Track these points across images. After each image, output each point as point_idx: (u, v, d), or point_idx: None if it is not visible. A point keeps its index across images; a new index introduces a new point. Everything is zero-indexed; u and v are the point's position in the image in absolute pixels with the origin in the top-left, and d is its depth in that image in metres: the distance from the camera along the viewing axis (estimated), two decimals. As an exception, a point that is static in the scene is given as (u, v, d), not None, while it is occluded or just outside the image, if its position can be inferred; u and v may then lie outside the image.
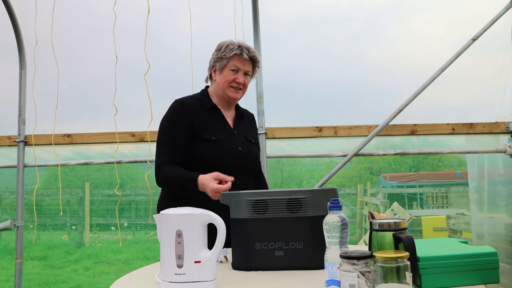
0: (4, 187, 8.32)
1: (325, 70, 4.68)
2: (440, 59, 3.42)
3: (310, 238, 1.58)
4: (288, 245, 1.61)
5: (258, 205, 1.63)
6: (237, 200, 1.65)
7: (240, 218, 1.64)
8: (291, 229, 1.61)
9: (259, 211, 1.63)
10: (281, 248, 1.61)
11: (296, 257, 1.60)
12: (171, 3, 3.98)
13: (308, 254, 1.58)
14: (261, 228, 1.62)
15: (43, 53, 3.53)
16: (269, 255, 1.61)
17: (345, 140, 3.53)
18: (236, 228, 1.65)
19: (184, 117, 2.08)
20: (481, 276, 1.32)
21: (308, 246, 1.58)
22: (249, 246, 1.62)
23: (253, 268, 1.63)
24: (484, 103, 3.65)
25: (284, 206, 1.62)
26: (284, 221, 1.61)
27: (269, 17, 3.63)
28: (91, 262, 7.98)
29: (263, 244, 1.61)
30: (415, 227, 6.97)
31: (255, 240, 1.62)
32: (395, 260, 1.12)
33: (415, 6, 4.10)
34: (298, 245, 1.60)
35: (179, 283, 1.38)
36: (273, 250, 1.61)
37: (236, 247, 1.67)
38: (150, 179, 3.47)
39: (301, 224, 1.60)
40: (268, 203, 1.63)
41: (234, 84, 2.14)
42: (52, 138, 3.55)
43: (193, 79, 3.36)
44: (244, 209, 1.63)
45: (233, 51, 2.11)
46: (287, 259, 1.60)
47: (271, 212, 1.62)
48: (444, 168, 15.21)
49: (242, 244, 1.64)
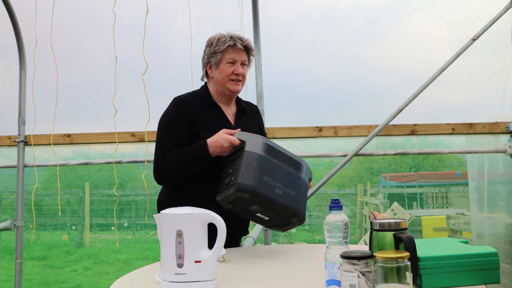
0: (4, 187, 8.33)
1: (325, 70, 4.69)
2: (440, 59, 3.42)
3: (298, 191, 1.87)
4: (285, 189, 1.82)
5: (271, 150, 1.86)
6: (255, 138, 1.87)
7: (256, 153, 1.81)
8: (288, 180, 1.85)
9: (270, 155, 1.84)
10: (280, 188, 1.81)
11: (288, 200, 1.82)
12: (171, 3, 3.98)
13: (297, 203, 1.85)
14: (270, 167, 1.82)
15: (42, 53, 3.52)
16: (270, 188, 1.78)
17: (345, 140, 3.52)
18: (250, 160, 1.80)
19: (184, 115, 2.05)
20: (482, 276, 1.32)
21: (298, 196, 1.86)
22: (258, 175, 1.77)
23: (256, 192, 1.75)
24: (484, 103, 3.65)
25: (287, 161, 1.89)
26: (285, 171, 1.86)
27: (269, 17, 3.64)
28: (91, 262, 7.98)
29: (269, 178, 1.79)
30: (415, 227, 6.97)
31: (263, 173, 1.78)
32: (396, 260, 1.12)
33: (415, 6, 4.10)
34: (292, 192, 1.84)
35: (179, 283, 1.37)
36: (274, 186, 1.79)
37: (245, 172, 1.77)
38: (148, 179, 3.47)
39: (295, 179, 1.89)
40: (278, 153, 1.87)
41: (233, 77, 2.10)
42: (51, 138, 3.55)
43: (192, 79, 3.34)
44: (260, 148, 1.83)
45: (226, 43, 2.07)
46: (282, 198, 1.80)
47: (278, 161, 1.85)
48: (444, 168, 15.23)
49: (252, 171, 1.77)
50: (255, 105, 2.40)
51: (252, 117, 2.28)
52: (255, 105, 2.39)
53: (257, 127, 2.28)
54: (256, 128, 2.27)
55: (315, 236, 10.10)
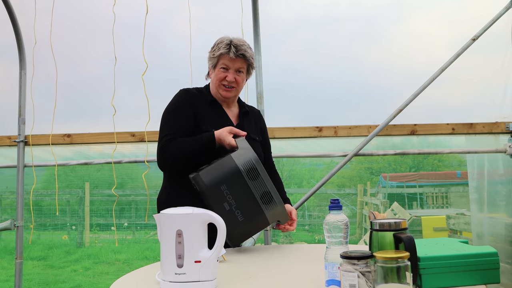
0: (4, 187, 8.33)
1: (324, 70, 4.69)
2: (440, 59, 3.42)
3: (252, 222, 1.86)
4: (242, 214, 1.83)
5: (252, 172, 1.82)
6: (247, 151, 1.85)
7: (235, 165, 1.82)
8: (251, 207, 1.83)
9: (249, 176, 1.82)
10: (231, 205, 1.82)
11: (228, 220, 1.67)
12: (171, 3, 3.99)
13: (238, 227, 1.84)
14: (238, 182, 1.82)
15: (42, 53, 3.52)
16: (218, 199, 1.81)
17: (345, 140, 3.52)
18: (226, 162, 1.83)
19: (189, 105, 2.10)
20: (482, 276, 1.32)
21: (244, 224, 1.85)
22: (218, 179, 1.81)
23: (203, 192, 1.81)
24: (484, 103, 3.65)
25: (262, 190, 1.84)
26: (253, 199, 1.83)
27: (268, 17, 3.63)
28: (91, 262, 7.98)
29: (226, 191, 1.81)
30: (415, 227, 6.97)
31: (225, 181, 1.81)
32: (396, 260, 1.11)
33: (414, 6, 4.10)
34: (240, 217, 1.83)
35: (179, 283, 1.37)
36: (224, 201, 1.82)
37: (212, 169, 1.83)
38: (148, 179, 3.47)
39: (258, 210, 1.85)
40: (258, 177, 1.83)
41: (224, 82, 2.13)
42: (50, 138, 3.55)
43: (192, 79, 3.36)
44: (243, 163, 1.82)
45: (220, 50, 2.10)
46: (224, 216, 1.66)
47: (252, 185, 1.82)
48: (444, 168, 15.22)
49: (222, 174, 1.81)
50: (258, 110, 2.43)
51: (254, 121, 2.29)
52: (258, 110, 2.42)
53: (258, 131, 2.29)
54: (257, 131, 2.28)
55: (315, 236, 10.11)
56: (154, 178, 3.60)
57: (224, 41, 2.12)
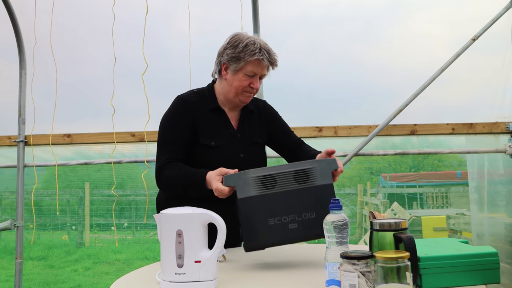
0: (4, 187, 8.32)
1: (324, 70, 4.68)
2: (440, 59, 3.42)
3: (321, 207, 1.58)
4: (301, 217, 1.62)
5: (266, 180, 1.63)
6: (244, 179, 1.63)
7: (250, 196, 1.62)
8: (302, 200, 1.62)
9: (268, 186, 1.63)
10: (294, 220, 1.62)
11: (310, 227, 1.61)
12: (170, 3, 3.98)
13: (321, 222, 1.46)
14: (273, 203, 1.62)
15: (42, 53, 3.52)
16: (283, 229, 1.61)
17: (345, 140, 3.52)
18: (246, 207, 1.62)
19: (186, 116, 1.96)
20: (482, 276, 1.32)
21: (321, 215, 1.52)
22: (262, 223, 1.61)
23: (269, 244, 1.62)
24: (484, 103, 3.65)
25: (292, 178, 1.64)
26: (294, 193, 1.63)
27: (268, 17, 3.63)
28: (91, 262, 7.98)
29: (276, 219, 1.61)
30: (415, 227, 6.97)
31: (268, 216, 1.61)
32: (396, 260, 1.11)
33: (414, 6, 4.10)
34: (311, 215, 1.62)
35: (179, 283, 1.37)
36: (287, 224, 1.61)
37: (247, 227, 1.62)
38: (148, 179, 3.47)
39: (310, 194, 1.63)
40: (275, 177, 1.63)
41: (248, 89, 1.96)
42: (50, 138, 3.55)
43: (191, 79, 3.36)
44: (253, 187, 1.62)
45: (255, 55, 1.88)
46: (302, 230, 1.61)
47: (280, 186, 1.63)
48: (444, 168, 15.23)
49: (254, 222, 1.62)
50: (263, 100, 2.24)
51: (258, 118, 2.13)
52: (263, 101, 2.23)
53: (263, 128, 2.14)
54: (262, 130, 2.13)
55: (315, 236, 10.08)
56: (153, 178, 3.59)
57: (254, 44, 1.90)
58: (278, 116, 2.23)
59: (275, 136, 2.19)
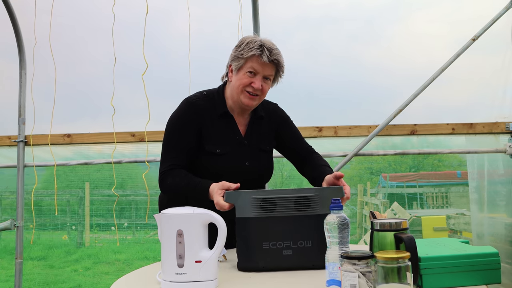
0: (4, 187, 8.32)
1: (324, 70, 4.69)
2: (440, 59, 3.42)
3: (318, 236, 1.51)
4: (297, 244, 1.59)
5: (266, 203, 1.60)
6: (243, 199, 1.61)
7: (247, 217, 1.60)
8: (300, 228, 1.59)
9: (266, 209, 1.60)
10: (289, 247, 1.59)
11: (305, 256, 1.58)
12: (170, 3, 3.99)
13: (317, 252, 1.50)
14: (269, 227, 1.59)
15: (42, 52, 3.52)
16: (277, 255, 1.59)
17: (345, 140, 3.52)
18: (243, 227, 1.61)
19: (193, 120, 1.91)
20: (483, 276, 1.32)
21: (317, 244, 1.54)
22: (257, 245, 1.59)
23: (261, 268, 1.59)
24: (484, 103, 3.65)
25: (292, 204, 1.60)
26: (292, 219, 1.59)
27: (268, 17, 3.63)
28: (91, 262, 7.98)
29: (271, 243, 1.59)
30: (415, 227, 6.97)
31: (262, 239, 1.59)
32: (396, 260, 1.11)
33: (414, 6, 4.10)
34: (307, 243, 1.59)
35: (180, 283, 1.37)
36: (281, 249, 1.59)
37: (242, 246, 1.61)
38: (148, 179, 3.47)
39: (309, 222, 1.59)
40: (276, 201, 1.60)
41: (249, 89, 1.89)
42: (49, 138, 3.55)
43: (190, 79, 3.35)
44: (251, 208, 1.60)
45: (251, 51, 1.84)
46: (296, 258, 1.58)
47: (279, 211, 1.60)
48: (444, 168, 15.22)
49: (249, 243, 1.60)
50: (274, 103, 2.17)
51: (268, 124, 2.07)
52: (274, 104, 2.16)
53: (272, 133, 2.09)
54: (270, 136, 2.08)
55: (315, 236, 10.08)
56: (154, 178, 3.60)
57: (256, 42, 1.87)
58: (290, 120, 2.17)
59: (285, 140, 2.14)
